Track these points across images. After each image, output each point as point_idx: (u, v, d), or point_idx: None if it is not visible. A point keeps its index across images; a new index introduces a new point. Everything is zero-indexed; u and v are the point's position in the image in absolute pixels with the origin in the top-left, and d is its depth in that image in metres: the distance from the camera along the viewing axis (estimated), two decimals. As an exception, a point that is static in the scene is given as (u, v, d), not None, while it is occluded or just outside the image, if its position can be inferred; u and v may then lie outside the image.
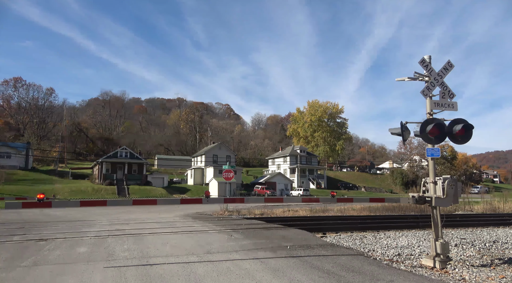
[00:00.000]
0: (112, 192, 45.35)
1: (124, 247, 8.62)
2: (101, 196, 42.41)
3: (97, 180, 52.86)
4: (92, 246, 8.76)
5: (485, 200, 28.50)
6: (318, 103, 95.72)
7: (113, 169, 53.31)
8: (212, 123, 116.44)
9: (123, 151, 56.26)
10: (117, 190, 46.07)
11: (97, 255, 7.58)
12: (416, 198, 7.57)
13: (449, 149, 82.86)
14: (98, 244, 8.99)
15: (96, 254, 7.75)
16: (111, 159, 54.02)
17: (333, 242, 10.34)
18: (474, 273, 6.73)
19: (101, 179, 51.71)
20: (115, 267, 6.56)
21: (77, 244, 8.95)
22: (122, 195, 44.82)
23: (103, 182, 50.57)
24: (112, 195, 44.26)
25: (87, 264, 6.77)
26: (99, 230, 11.88)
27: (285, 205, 30.14)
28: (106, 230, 11.87)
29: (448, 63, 8.07)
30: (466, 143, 7.67)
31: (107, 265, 6.71)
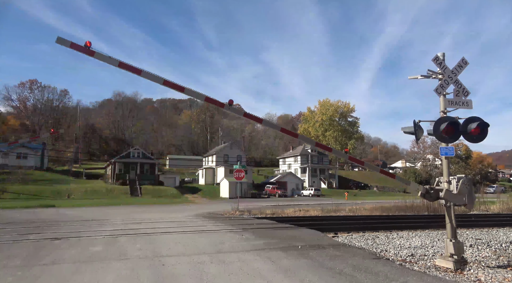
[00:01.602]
0: (125, 192, 45.92)
1: (137, 246, 8.72)
2: (115, 196, 43.00)
3: (110, 180, 53.59)
4: (106, 245, 8.89)
5: (501, 199, 27.87)
6: (329, 103, 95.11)
7: (125, 169, 53.96)
8: (223, 123, 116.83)
9: (136, 151, 56.91)
10: (130, 190, 46.63)
11: (110, 254, 7.69)
12: (428, 189, 7.31)
13: (463, 147, 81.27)
14: (111, 243, 9.12)
15: (110, 253, 7.87)
16: (124, 159, 54.69)
17: (345, 242, 10.26)
18: (490, 274, 6.59)
19: (114, 179, 52.41)
20: (128, 266, 6.65)
21: (91, 243, 9.10)
22: (135, 195, 45.34)
23: (116, 182, 51.24)
24: (125, 194, 44.82)
25: (101, 263, 6.88)
26: (112, 229, 12.05)
27: (296, 204, 30.07)
28: (119, 229, 12.04)
29: (463, 61, 7.92)
30: (481, 142, 7.52)
31: (120, 264, 6.80)
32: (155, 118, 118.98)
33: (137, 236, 10.49)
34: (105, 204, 29.95)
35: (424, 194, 7.37)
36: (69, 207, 26.57)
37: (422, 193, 7.38)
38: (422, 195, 7.39)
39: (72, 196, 40.77)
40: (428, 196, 7.39)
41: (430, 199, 7.46)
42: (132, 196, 44.26)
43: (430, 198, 7.42)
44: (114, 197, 41.65)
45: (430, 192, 7.29)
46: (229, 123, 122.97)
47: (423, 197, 7.44)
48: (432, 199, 7.45)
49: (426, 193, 7.33)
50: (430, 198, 7.44)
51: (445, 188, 7.19)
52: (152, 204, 31.35)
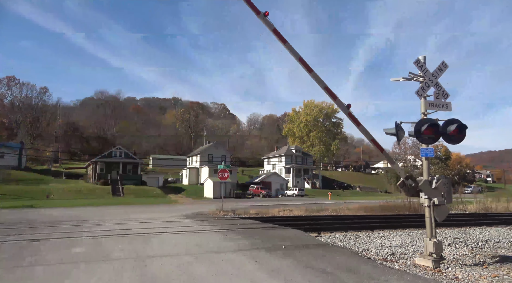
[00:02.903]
0: (107, 192, 45.07)
1: (120, 247, 8.60)
2: (96, 196, 42.16)
3: (92, 179, 52.56)
4: (88, 246, 8.73)
5: (478, 199, 28.77)
6: (313, 103, 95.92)
7: (107, 169, 53.06)
8: (208, 123, 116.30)
9: (118, 150, 56.04)
10: (111, 190, 45.82)
11: (93, 255, 7.56)
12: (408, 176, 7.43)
13: (443, 149, 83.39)
14: (94, 244, 8.97)
15: (92, 254, 7.73)
16: (106, 159, 53.75)
17: (328, 241, 10.39)
18: (467, 272, 6.81)
19: (95, 178, 51.43)
20: (111, 267, 6.55)
21: (73, 245, 8.91)
22: (117, 195, 44.57)
23: (97, 182, 50.30)
24: (107, 194, 43.98)
25: (83, 264, 6.75)
26: (94, 230, 11.83)
27: (280, 204, 30.21)
28: (102, 230, 11.83)
29: (443, 64, 8.15)
30: (460, 143, 7.75)
31: (103, 265, 6.70)
32: (139, 118, 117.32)
33: (120, 236, 10.33)
34: (86, 204, 29.34)
35: (403, 183, 7.45)
36: (49, 207, 25.90)
37: (402, 182, 7.48)
38: (402, 184, 7.49)
39: (51, 196, 39.71)
40: (406, 189, 7.48)
41: (408, 191, 7.55)
42: (114, 196, 43.47)
43: (409, 190, 7.52)
44: (95, 197, 40.81)
45: (411, 184, 7.40)
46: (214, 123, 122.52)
47: (402, 187, 7.50)
48: (411, 191, 7.56)
49: (406, 180, 7.42)
50: (408, 191, 7.53)
51: (424, 179, 7.37)
52: (135, 204, 30.90)
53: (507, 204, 26.23)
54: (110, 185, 48.32)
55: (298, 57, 7.62)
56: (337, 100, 7.64)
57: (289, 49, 7.56)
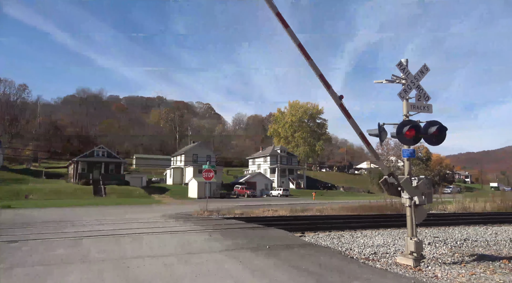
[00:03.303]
0: (88, 192, 44.14)
1: (102, 248, 8.44)
2: (77, 196, 41.25)
3: (73, 179, 51.40)
4: (68, 247, 8.53)
5: (457, 199, 29.53)
6: (298, 104, 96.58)
7: (89, 168, 52.01)
8: (193, 122, 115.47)
9: (100, 150, 55.00)
10: (93, 190, 44.91)
11: (73, 257, 7.40)
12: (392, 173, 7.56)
13: (424, 150, 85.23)
14: (74, 246, 8.77)
15: (72, 255, 7.56)
16: (88, 158, 52.67)
17: (312, 241, 10.47)
18: (446, 270, 6.98)
19: (76, 178, 50.31)
20: (91, 268, 6.42)
21: (53, 246, 8.69)
22: (98, 195, 43.71)
23: (78, 182, 49.23)
24: (88, 194, 43.08)
25: (63, 266, 6.60)
26: (75, 231, 11.57)
27: (265, 204, 30.27)
28: (82, 231, 11.58)
29: (424, 67, 8.33)
30: (440, 144, 7.94)
31: (83, 267, 6.56)
32: (122, 117, 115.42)
33: (102, 237, 10.14)
34: (66, 205, 28.65)
35: (386, 181, 7.58)
36: (28, 207, 25.17)
37: (384, 180, 7.60)
38: (384, 182, 7.61)
39: (30, 196, 38.63)
40: (387, 187, 7.60)
41: (389, 189, 7.68)
42: (95, 196, 42.63)
43: (390, 188, 7.64)
44: (76, 198, 39.93)
45: (393, 182, 7.53)
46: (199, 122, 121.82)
47: (384, 185, 7.63)
48: (392, 190, 7.69)
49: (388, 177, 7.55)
50: (389, 189, 7.65)
51: (406, 177, 7.52)
52: (117, 205, 30.38)
53: (484, 204, 27.01)
54: (92, 185, 47.39)
55: (297, 43, 7.69)
56: (330, 90, 7.70)
57: (290, 34, 7.64)
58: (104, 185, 47.38)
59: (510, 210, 25.16)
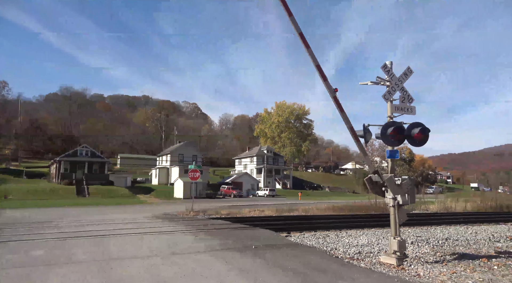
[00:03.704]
0: (71, 192, 43.25)
1: (85, 249, 8.29)
2: (60, 196, 40.35)
3: (55, 179, 50.28)
4: (50, 249, 8.34)
5: (439, 200, 30.17)
6: (285, 104, 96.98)
7: (72, 168, 50.97)
8: (179, 122, 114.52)
9: (84, 149, 54.00)
10: (76, 190, 44.02)
11: (55, 258, 7.24)
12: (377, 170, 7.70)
13: (407, 151, 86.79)
14: (57, 247, 8.58)
15: (54, 257, 7.40)
16: (70, 158, 51.62)
17: (298, 241, 10.53)
18: (428, 269, 7.13)
19: (58, 178, 49.23)
20: (74, 270, 6.30)
21: (34, 247, 8.49)
22: (82, 195, 42.89)
23: (61, 182, 48.19)
24: (71, 195, 42.21)
25: (44, 267, 6.45)
26: (57, 232, 11.33)
27: (251, 204, 30.28)
28: (67, 232, 11.35)
29: (408, 69, 8.48)
30: (423, 145, 8.11)
31: (66, 268, 6.42)
32: (107, 116, 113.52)
33: (85, 238, 9.96)
34: (48, 205, 27.99)
35: (371, 179, 7.72)
36: (7, 208, 24.49)
37: (369, 178, 7.74)
38: (369, 179, 7.74)
39: (10, 196, 37.59)
40: (372, 185, 7.74)
41: (374, 188, 7.80)
42: (79, 197, 41.81)
43: (374, 187, 7.77)
44: (59, 198, 39.06)
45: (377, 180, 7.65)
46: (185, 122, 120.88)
47: (369, 182, 7.75)
48: (376, 188, 7.81)
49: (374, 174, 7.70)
50: (374, 187, 7.78)
51: (390, 175, 7.66)
52: (101, 205, 29.87)
53: (465, 204, 27.68)
54: (75, 185, 46.47)
55: (299, 31, 7.73)
56: (326, 82, 7.76)
57: (293, 22, 7.69)
58: (88, 185, 46.53)
59: (489, 210, 25.89)
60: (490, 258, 8.48)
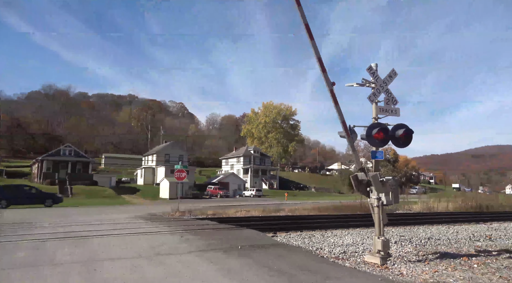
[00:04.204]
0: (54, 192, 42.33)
1: (68, 250, 8.13)
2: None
3: (37, 179, 49.16)
4: (32, 250, 8.15)
5: (422, 200, 30.76)
6: (272, 105, 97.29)
7: (55, 168, 49.94)
8: (166, 122, 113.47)
9: (67, 148, 53.01)
10: (58, 190, 43.10)
11: (36, 260, 7.07)
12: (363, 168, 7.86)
13: (391, 151, 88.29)
14: (38, 248, 8.39)
15: (36, 258, 7.23)
16: (53, 157, 50.58)
17: (284, 241, 10.58)
18: (411, 268, 7.27)
19: (41, 178, 48.16)
20: (56, 272, 6.17)
21: (14, 249, 8.27)
22: (65, 196, 41.99)
23: (43, 182, 47.14)
24: (54, 195, 41.31)
25: (26, 269, 6.29)
26: (38, 233, 11.07)
27: (237, 205, 30.25)
28: (47, 233, 11.09)
29: (393, 71, 8.63)
30: (407, 147, 8.26)
31: (47, 270, 6.29)
32: (92, 115, 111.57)
33: (68, 239, 9.77)
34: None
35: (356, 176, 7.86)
36: (-14, 209, 23.78)
37: (355, 175, 7.89)
38: (355, 177, 7.87)
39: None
40: (357, 183, 7.87)
41: (359, 186, 7.91)
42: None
43: (359, 185, 7.90)
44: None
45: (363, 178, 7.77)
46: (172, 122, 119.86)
47: (354, 180, 7.88)
48: (361, 187, 7.93)
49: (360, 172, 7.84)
50: (359, 185, 7.91)
51: (375, 173, 7.79)
52: (84, 206, 29.34)
53: (447, 204, 28.31)
54: (58, 185, 45.53)
55: (305, 23, 7.82)
56: (325, 74, 7.86)
57: (301, 13, 7.76)
58: (71, 185, 45.66)
59: (470, 210, 26.56)
60: (471, 256, 8.70)
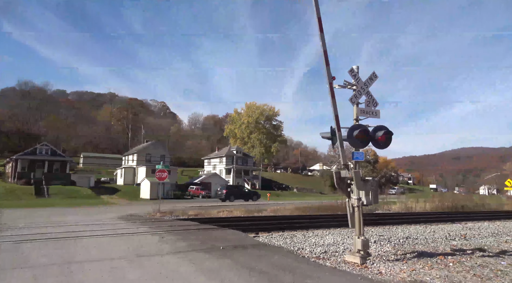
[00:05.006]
0: (29, 193, 40.98)
1: (43, 252, 7.88)
2: (16, 197, 38.11)
3: (11, 179, 47.46)
4: (5, 252, 7.86)
5: (400, 200, 31.47)
6: (255, 105, 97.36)
7: (30, 167, 48.34)
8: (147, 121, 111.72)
9: (43, 147, 51.42)
10: (34, 190, 41.76)
11: (9, 262, 6.82)
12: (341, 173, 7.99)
13: (372, 153, 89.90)
14: (11, 250, 8.10)
15: (8, 261, 6.97)
16: (29, 156, 48.96)
17: (265, 241, 10.60)
18: (389, 267, 7.42)
19: (15, 178, 46.53)
20: (30, 274, 5.97)
21: (-16, 251, 7.95)
22: (41, 196, 40.75)
23: (17, 181, 45.56)
24: (29, 195, 39.99)
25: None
26: (12, 234, 10.68)
27: (220, 205, 30.12)
28: (21, 234, 10.73)
29: (373, 74, 8.79)
30: (387, 148, 8.43)
31: (20, 273, 6.07)
32: (70, 113, 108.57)
33: (44, 241, 9.47)
34: (4, 206, 26.36)
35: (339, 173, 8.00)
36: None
37: (338, 172, 8.01)
38: (338, 174, 7.99)
39: (-40, 197, 35.06)
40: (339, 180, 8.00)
41: (341, 184, 8.04)
42: (37, 197, 39.69)
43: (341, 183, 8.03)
44: (15, 198, 36.91)
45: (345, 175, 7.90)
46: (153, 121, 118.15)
47: (337, 177, 7.99)
48: (343, 185, 8.05)
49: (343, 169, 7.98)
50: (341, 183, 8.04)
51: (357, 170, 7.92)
52: (61, 206, 28.53)
53: (424, 204, 29.05)
54: (33, 185, 44.11)
55: (318, 16, 7.95)
56: (328, 67, 7.96)
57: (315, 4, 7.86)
58: (48, 185, 44.31)
59: (446, 210, 27.34)
60: (446, 255, 8.96)
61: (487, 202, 35.66)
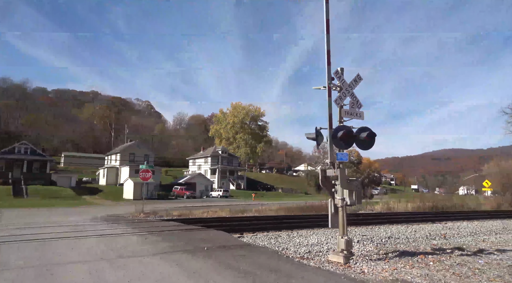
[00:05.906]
0: (7, 193, 39.75)
1: (22, 254, 7.66)
2: (-7, 197, 36.88)
3: (-13, 178, 45.96)
4: (-21, 255, 7.59)
5: (383, 200, 32.02)
6: (241, 106, 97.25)
7: (8, 167, 46.95)
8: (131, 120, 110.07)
9: (22, 146, 50.02)
10: (12, 191, 40.55)
11: (-16, 265, 6.59)
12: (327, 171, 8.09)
13: (355, 153, 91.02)
14: (-13, 253, 7.83)
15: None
16: (7, 155, 47.56)
17: (250, 242, 10.60)
18: (372, 266, 7.53)
19: (-8, 177, 45.09)
20: (7, 277, 5.79)
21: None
22: (19, 196, 39.60)
23: (-5, 181, 44.16)
24: (7, 196, 38.79)
25: (-30, 276, 5.85)
26: (-12, 236, 10.33)
27: (204, 206, 29.95)
28: (1, 235, 10.40)
29: (358, 76, 8.91)
30: (370, 149, 8.56)
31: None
32: (50, 111, 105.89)
33: (23, 243, 9.20)
34: (-21, 207, 25.49)
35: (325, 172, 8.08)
36: None
37: (324, 171, 8.10)
38: (323, 173, 8.07)
39: None
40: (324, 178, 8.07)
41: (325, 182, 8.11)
42: (16, 198, 38.54)
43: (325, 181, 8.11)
44: (-8, 199, 35.72)
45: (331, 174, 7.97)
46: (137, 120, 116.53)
47: (322, 175, 8.07)
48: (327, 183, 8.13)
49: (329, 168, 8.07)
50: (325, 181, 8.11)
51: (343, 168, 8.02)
52: (41, 207, 27.80)
53: (406, 204, 29.67)
54: (12, 184, 42.82)
55: (327, 18, 8.32)
56: (329, 67, 8.29)
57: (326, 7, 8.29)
58: (26, 185, 43.10)
59: (427, 210, 27.97)
60: (427, 254, 9.15)
61: (466, 202, 36.68)
